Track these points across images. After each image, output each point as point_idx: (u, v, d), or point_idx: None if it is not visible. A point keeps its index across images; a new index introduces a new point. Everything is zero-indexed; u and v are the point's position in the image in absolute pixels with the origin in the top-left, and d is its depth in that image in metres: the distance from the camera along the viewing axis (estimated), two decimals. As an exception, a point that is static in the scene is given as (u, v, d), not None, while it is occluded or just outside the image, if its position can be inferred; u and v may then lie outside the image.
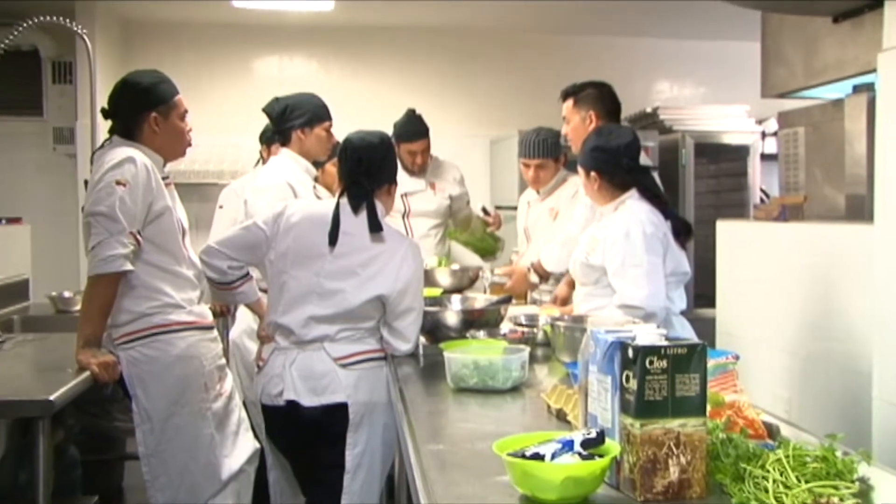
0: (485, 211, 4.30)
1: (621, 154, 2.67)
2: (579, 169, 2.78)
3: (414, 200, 4.21)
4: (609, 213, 2.74)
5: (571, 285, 3.14)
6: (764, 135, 5.07)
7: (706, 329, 3.33)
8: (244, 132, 5.08)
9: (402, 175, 4.25)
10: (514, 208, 4.25)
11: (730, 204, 5.05)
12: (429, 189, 4.28)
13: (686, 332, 2.65)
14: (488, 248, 4.03)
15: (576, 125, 3.18)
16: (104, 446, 3.70)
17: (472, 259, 4.32)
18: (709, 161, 5.17)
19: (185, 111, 2.67)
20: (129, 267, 2.47)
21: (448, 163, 4.40)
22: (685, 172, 4.83)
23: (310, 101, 3.18)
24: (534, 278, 3.39)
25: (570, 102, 3.19)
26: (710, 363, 1.72)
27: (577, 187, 3.49)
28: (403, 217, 4.16)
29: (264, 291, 2.71)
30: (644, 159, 2.70)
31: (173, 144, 2.65)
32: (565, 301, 3.24)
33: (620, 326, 1.62)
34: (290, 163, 3.18)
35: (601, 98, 3.20)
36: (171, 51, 5.57)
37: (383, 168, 2.58)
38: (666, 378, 1.32)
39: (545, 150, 3.70)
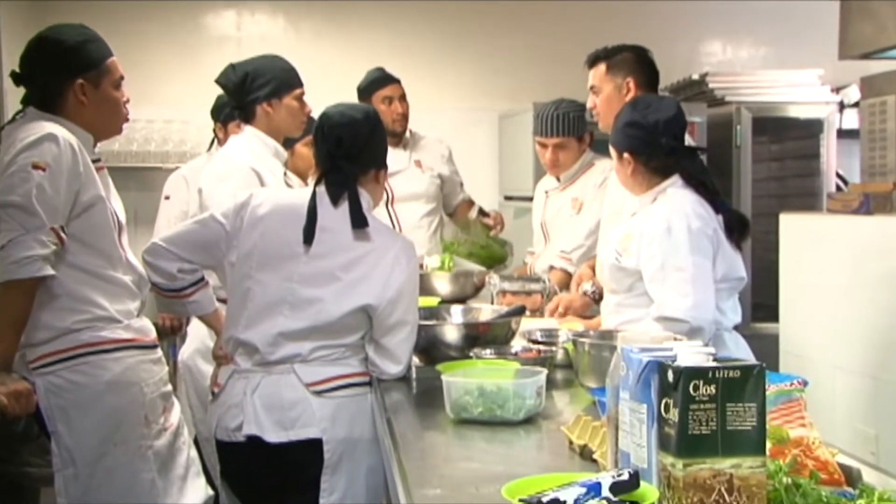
0: (482, 212, 4.33)
1: (661, 131, 2.67)
2: (611, 149, 2.79)
3: (397, 182, 4.21)
4: (646, 204, 2.75)
5: (593, 267, 3.18)
6: (842, 106, 5.05)
7: (766, 348, 3.34)
8: (194, 105, 5.09)
9: None
10: (529, 199, 4.28)
11: (797, 192, 5.08)
12: (413, 166, 4.36)
13: (740, 352, 2.66)
14: (495, 255, 4.09)
15: (609, 95, 3.21)
16: (12, 499, 3.68)
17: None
18: (771, 140, 5.20)
19: (121, 77, 2.68)
20: (49, 271, 2.45)
21: (431, 138, 4.50)
22: (741, 154, 4.85)
23: (274, 65, 3.21)
24: (587, 287, 3.34)
25: (601, 68, 3.23)
26: (771, 389, 1.73)
27: (605, 173, 3.57)
28: (387, 205, 4.20)
29: (223, 301, 2.72)
30: (689, 139, 2.74)
31: (106, 119, 2.66)
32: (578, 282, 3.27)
33: (658, 343, 1.62)
34: (254, 144, 3.19)
35: (640, 64, 3.23)
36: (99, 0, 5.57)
37: (369, 149, 2.59)
38: (715, 407, 1.33)
39: (566, 126, 3.72)
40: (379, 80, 4.32)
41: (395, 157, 4.14)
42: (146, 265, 2.62)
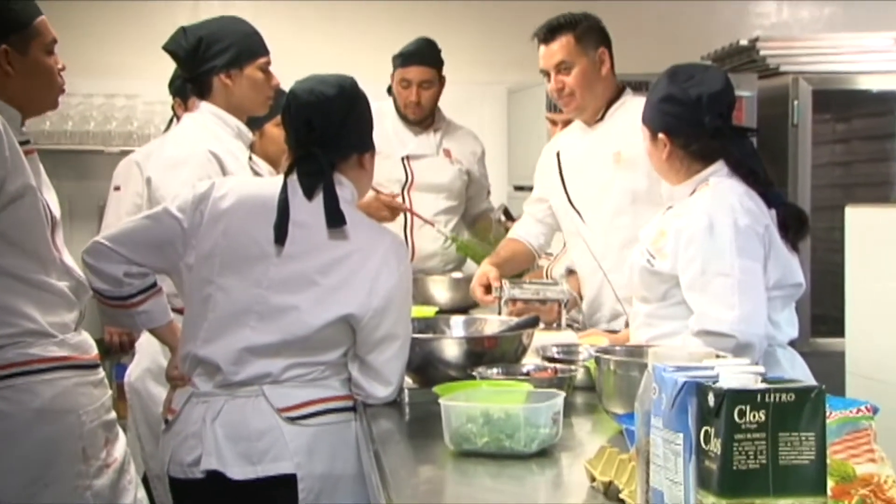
0: (507, 215, 4.34)
1: (705, 108, 2.67)
2: (643, 130, 2.81)
3: (420, 167, 4.36)
4: (684, 195, 2.75)
5: None
6: (923, 76, 5.08)
7: (829, 367, 3.30)
8: (142, 77, 5.11)
9: (403, 130, 4.41)
10: None
11: (867, 182, 5.08)
12: (442, 155, 4.46)
13: (797, 372, 2.68)
14: None
15: (584, 71, 3.35)
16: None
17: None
18: (835, 118, 5.20)
19: (53, 41, 2.68)
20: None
21: (467, 130, 4.61)
22: (798, 135, 4.86)
23: (234, 29, 3.22)
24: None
25: (567, 40, 3.35)
26: (834, 417, 1.72)
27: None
28: (403, 189, 4.31)
29: (179, 311, 2.72)
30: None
31: (37, 91, 2.67)
32: None
33: (697, 361, 1.61)
34: (212, 123, 3.19)
35: (604, 32, 3.39)
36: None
37: (347, 131, 2.60)
38: (765, 438, 1.34)
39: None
40: (405, 56, 4.36)
41: (421, 141, 4.35)
42: (87, 268, 2.61)
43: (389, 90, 4.44)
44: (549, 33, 3.41)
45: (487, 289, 3.44)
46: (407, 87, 4.34)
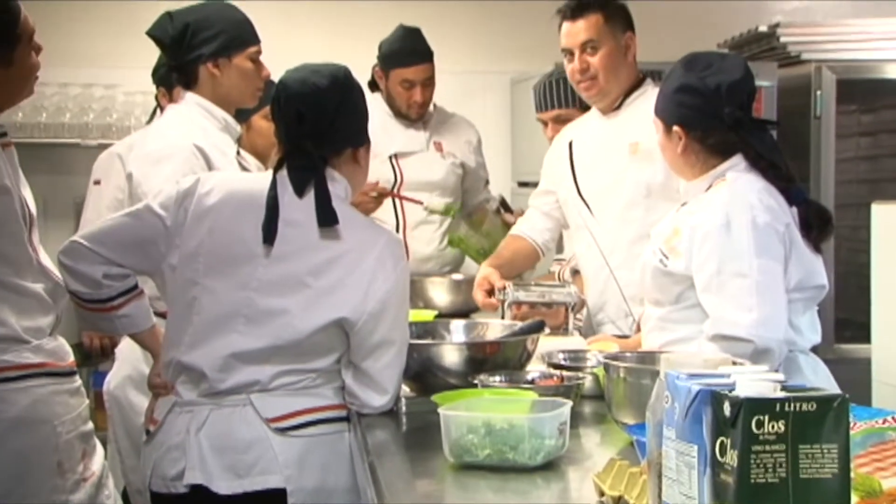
0: (504, 205, 4.33)
1: (724, 99, 2.67)
2: (655, 122, 2.81)
3: (409, 165, 4.32)
4: (699, 191, 2.75)
5: None
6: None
7: (854, 375, 3.34)
8: (123, 64, 5.11)
9: (391, 125, 4.36)
10: None
11: (894, 176, 5.07)
12: (432, 149, 4.42)
13: (819, 379, 2.67)
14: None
15: (611, 53, 3.37)
16: None
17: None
18: (861, 109, 5.20)
19: (33, 32, 2.68)
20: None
21: (460, 118, 4.57)
22: (821, 127, 4.86)
23: (223, 15, 3.22)
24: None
25: (597, 19, 3.36)
26: (858, 428, 1.73)
27: None
28: (393, 190, 4.28)
29: (162, 315, 2.71)
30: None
31: (16, 84, 2.68)
32: None
33: (712, 368, 1.61)
34: (197, 115, 3.19)
35: (630, 16, 3.40)
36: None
37: (340, 124, 2.60)
38: (784, 450, 1.34)
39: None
40: (402, 55, 4.29)
41: (410, 137, 4.30)
42: (63, 269, 2.59)
43: (372, 85, 4.39)
44: (577, 9, 3.40)
45: (490, 292, 3.43)
46: (410, 87, 4.30)
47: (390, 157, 4.31)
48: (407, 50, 4.30)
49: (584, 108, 3.71)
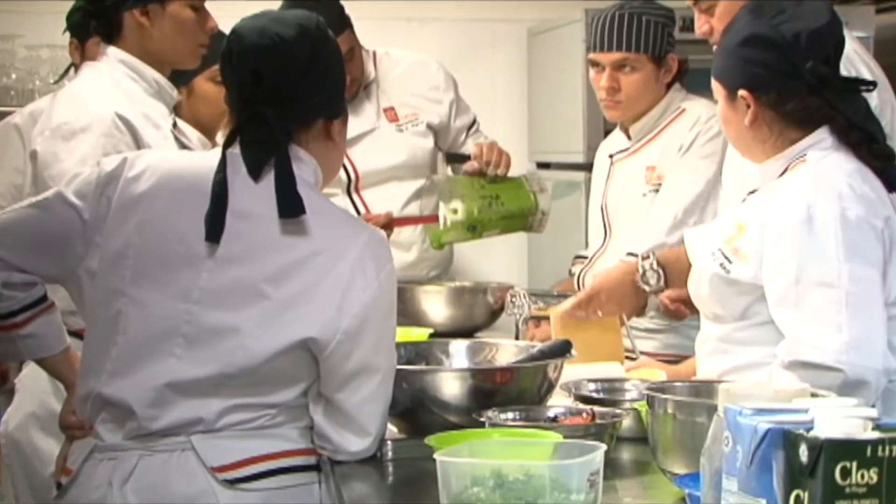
0: (457, 158, 4.09)
1: (804, 52, 2.46)
2: (715, 87, 2.61)
3: (360, 153, 4.04)
4: (772, 175, 2.55)
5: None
6: None
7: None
8: (25, 7, 4.91)
9: None
10: (575, 167, 4.17)
11: None
12: (384, 121, 4.13)
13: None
14: (513, 206, 3.87)
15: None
16: None
17: (487, 266, 4.36)
18: None
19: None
20: None
21: (408, 61, 4.24)
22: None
23: None
24: (650, 279, 3.20)
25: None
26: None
27: (700, 126, 3.51)
28: (349, 191, 4.07)
29: (78, 335, 2.58)
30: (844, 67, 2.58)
31: None
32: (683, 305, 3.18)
33: (785, 402, 1.61)
34: (121, 75, 3.06)
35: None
36: None
37: (310, 87, 2.42)
38: (879, 504, 1.35)
39: (638, 37, 3.55)
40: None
41: (353, 117, 3.90)
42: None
43: None
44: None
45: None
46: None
47: None
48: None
49: (658, 57, 3.62)
